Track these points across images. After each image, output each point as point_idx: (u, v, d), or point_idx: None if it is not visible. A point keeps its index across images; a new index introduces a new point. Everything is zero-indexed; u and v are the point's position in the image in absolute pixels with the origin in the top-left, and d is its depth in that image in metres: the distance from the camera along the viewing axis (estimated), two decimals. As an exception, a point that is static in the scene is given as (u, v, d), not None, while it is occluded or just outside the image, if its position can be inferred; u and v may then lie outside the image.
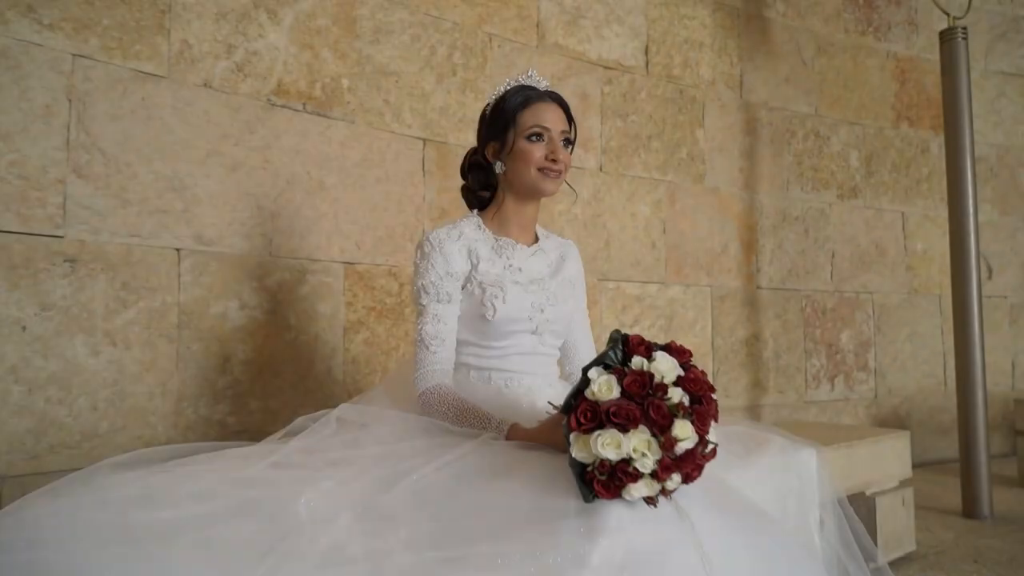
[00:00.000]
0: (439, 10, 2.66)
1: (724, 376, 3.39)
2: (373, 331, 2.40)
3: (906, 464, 2.27)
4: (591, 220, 3.05)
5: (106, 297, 1.88)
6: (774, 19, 3.72)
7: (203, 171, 2.07)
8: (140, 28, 1.98)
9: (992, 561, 2.18)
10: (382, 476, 1.02)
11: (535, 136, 1.34)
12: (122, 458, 1.08)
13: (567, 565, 0.86)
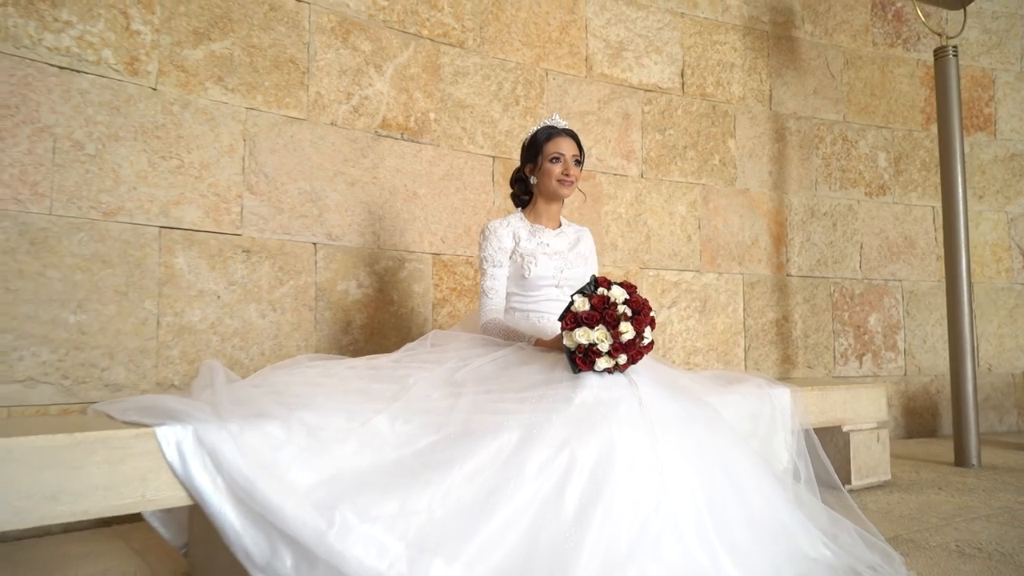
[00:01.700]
0: (504, 53, 3.40)
1: (755, 351, 3.95)
2: (455, 306, 3.15)
3: (881, 410, 2.80)
4: (634, 219, 3.70)
5: (269, 277, 2.71)
6: (802, 38, 4.25)
7: (331, 186, 2.87)
8: (288, 86, 2.80)
9: (953, 489, 2.69)
10: (455, 366, 1.75)
11: (555, 159, 2.05)
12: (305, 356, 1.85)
13: (561, 401, 1.55)
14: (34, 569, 1.81)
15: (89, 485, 1.23)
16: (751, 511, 1.60)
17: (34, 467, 1.18)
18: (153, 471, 1.30)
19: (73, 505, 1.22)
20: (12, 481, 1.15)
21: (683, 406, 1.71)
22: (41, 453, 1.18)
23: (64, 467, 1.21)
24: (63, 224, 2.29)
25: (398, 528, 1.34)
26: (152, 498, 1.31)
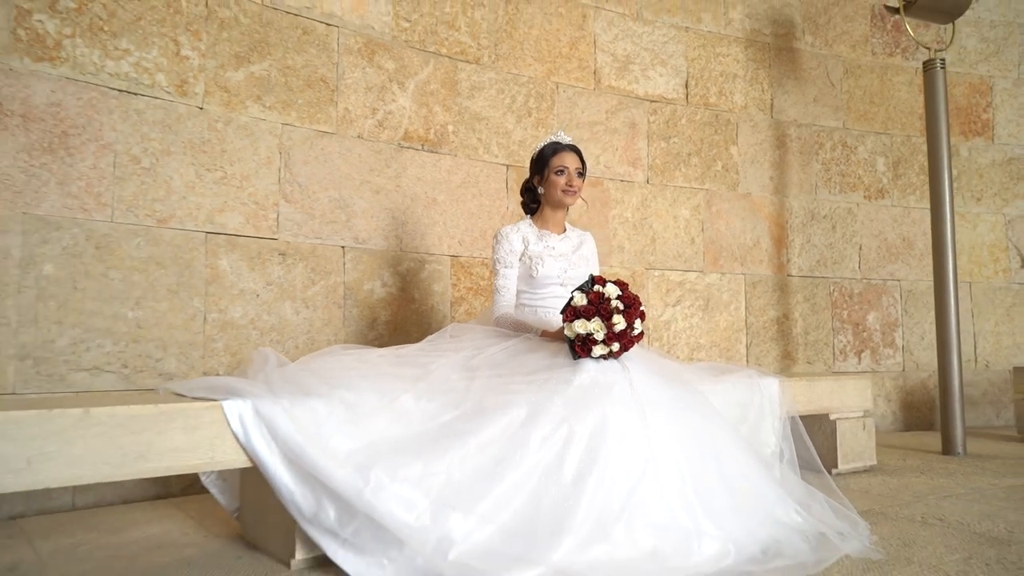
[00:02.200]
0: (517, 68, 3.66)
1: (756, 348, 4.17)
2: (471, 304, 3.41)
3: (867, 400, 3.02)
4: (640, 222, 3.94)
5: (302, 278, 2.98)
6: (803, 49, 4.47)
7: (358, 194, 3.15)
8: (319, 103, 3.08)
9: (934, 473, 2.90)
10: (471, 354, 2.01)
11: (560, 172, 2.30)
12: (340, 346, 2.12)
13: (562, 383, 1.80)
14: (108, 530, 2.09)
15: (171, 447, 1.51)
16: (730, 481, 1.85)
17: (129, 430, 1.45)
18: (220, 437, 1.58)
19: (158, 462, 1.49)
20: (113, 441, 1.43)
21: (671, 389, 1.95)
22: (135, 420, 1.46)
23: (151, 432, 1.48)
24: (123, 230, 2.58)
25: (423, 487, 1.60)
26: (219, 460, 1.58)
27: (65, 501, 2.41)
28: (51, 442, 1.37)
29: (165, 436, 1.50)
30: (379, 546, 1.57)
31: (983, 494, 2.50)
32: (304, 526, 1.61)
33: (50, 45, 2.47)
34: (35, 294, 2.40)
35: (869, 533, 1.92)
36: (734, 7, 4.31)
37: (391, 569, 1.55)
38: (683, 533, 1.67)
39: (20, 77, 2.41)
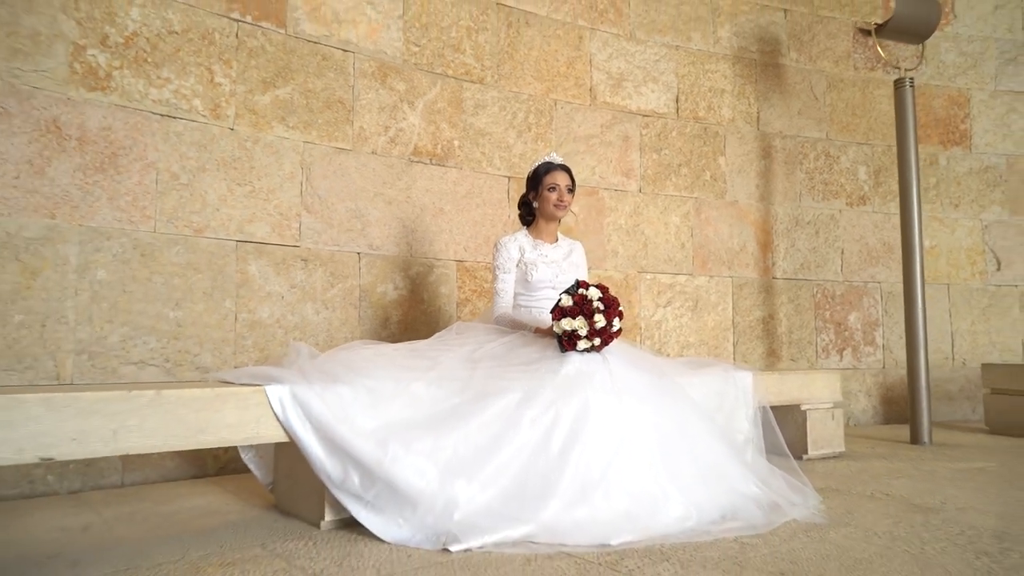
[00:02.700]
0: (518, 87, 3.97)
1: (743, 346, 4.48)
2: (475, 305, 3.73)
3: (835, 392, 3.32)
4: (632, 228, 4.25)
5: (322, 281, 3.31)
6: (788, 65, 4.78)
7: (372, 205, 3.48)
8: (337, 122, 3.41)
9: (896, 459, 3.20)
10: (473, 348, 2.32)
11: (552, 188, 2.62)
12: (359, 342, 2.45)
13: (551, 373, 2.12)
14: (158, 501, 2.42)
15: (225, 423, 1.83)
16: (697, 457, 2.16)
17: (192, 409, 1.78)
18: (263, 416, 1.90)
19: (215, 435, 1.81)
20: (179, 417, 1.75)
21: (646, 379, 2.27)
22: (197, 400, 1.79)
23: (209, 411, 1.81)
24: (164, 239, 2.91)
25: (432, 458, 1.92)
26: (263, 434, 1.90)
27: (115, 479, 2.74)
28: (131, 417, 1.69)
29: (220, 414, 1.83)
30: (396, 507, 1.89)
31: (933, 475, 2.80)
32: (333, 491, 1.94)
33: (101, 76, 2.81)
34: (90, 296, 2.73)
35: (818, 504, 2.23)
36: (722, 26, 4.62)
37: (406, 527, 1.87)
38: (652, 498, 1.98)
39: (76, 105, 2.74)
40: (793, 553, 1.77)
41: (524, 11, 4.03)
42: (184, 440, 1.76)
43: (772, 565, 1.67)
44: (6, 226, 2.58)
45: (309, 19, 3.36)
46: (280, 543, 1.88)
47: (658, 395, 2.27)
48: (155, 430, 1.72)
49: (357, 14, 3.50)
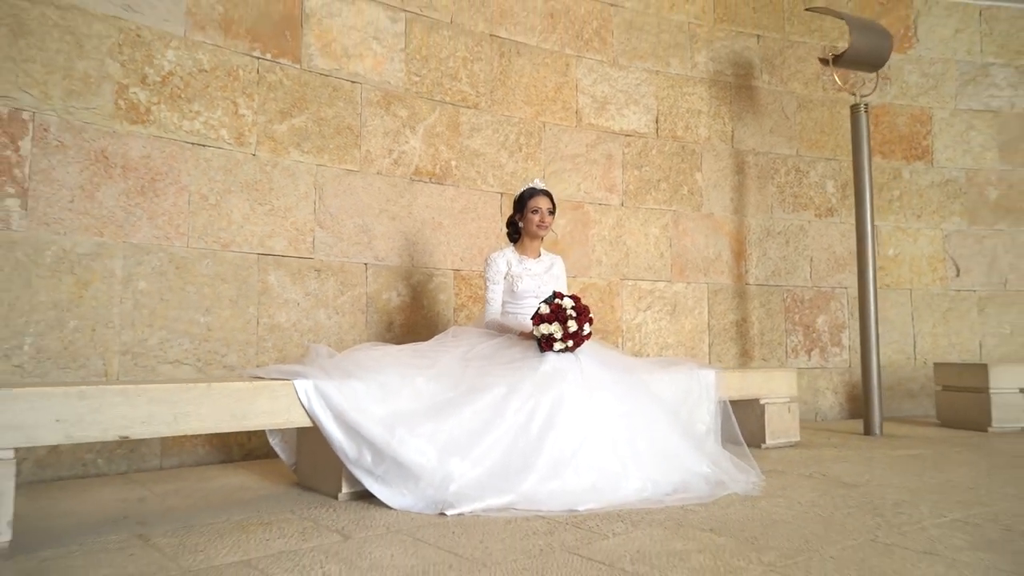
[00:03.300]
0: (510, 111, 4.39)
1: (718, 347, 4.89)
2: (471, 310, 4.14)
3: (792, 388, 3.73)
4: (615, 239, 4.67)
5: (333, 289, 3.72)
6: (760, 87, 5.19)
7: (378, 221, 3.89)
8: (346, 147, 3.82)
9: (845, 447, 3.62)
10: (467, 349, 2.74)
11: (534, 211, 3.04)
12: (369, 344, 2.86)
13: (531, 370, 2.53)
14: (196, 480, 2.83)
15: (261, 411, 2.24)
16: (654, 441, 2.57)
17: (236, 399, 2.19)
18: (292, 405, 2.31)
19: (254, 420, 2.23)
20: (226, 406, 2.17)
21: (614, 375, 2.68)
22: (238, 392, 2.20)
23: (248, 400, 2.22)
24: (195, 253, 3.33)
25: (432, 441, 2.33)
26: (292, 420, 2.32)
27: (155, 463, 3.16)
28: (188, 405, 2.10)
29: (257, 403, 2.24)
30: (401, 480, 2.30)
31: (870, 460, 3.21)
32: (349, 467, 2.35)
33: (142, 111, 3.23)
34: (132, 304, 3.14)
35: (759, 481, 2.64)
36: (699, 52, 5.04)
37: (409, 496, 2.29)
38: (614, 474, 2.40)
39: (120, 137, 3.16)
40: (725, 516, 2.18)
41: (515, 41, 4.44)
42: (230, 423, 2.18)
43: (705, 524, 2.08)
44: (62, 243, 2.99)
45: (321, 54, 3.77)
46: (306, 510, 2.29)
47: (623, 389, 2.68)
48: (207, 415, 2.13)
49: (364, 49, 3.91)
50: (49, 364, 2.92)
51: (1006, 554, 1.78)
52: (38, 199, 2.94)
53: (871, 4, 5.54)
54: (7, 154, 2.88)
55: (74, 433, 1.92)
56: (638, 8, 4.88)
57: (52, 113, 2.98)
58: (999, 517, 2.14)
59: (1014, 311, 5.51)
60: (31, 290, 2.90)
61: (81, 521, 2.18)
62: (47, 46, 2.98)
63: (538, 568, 1.68)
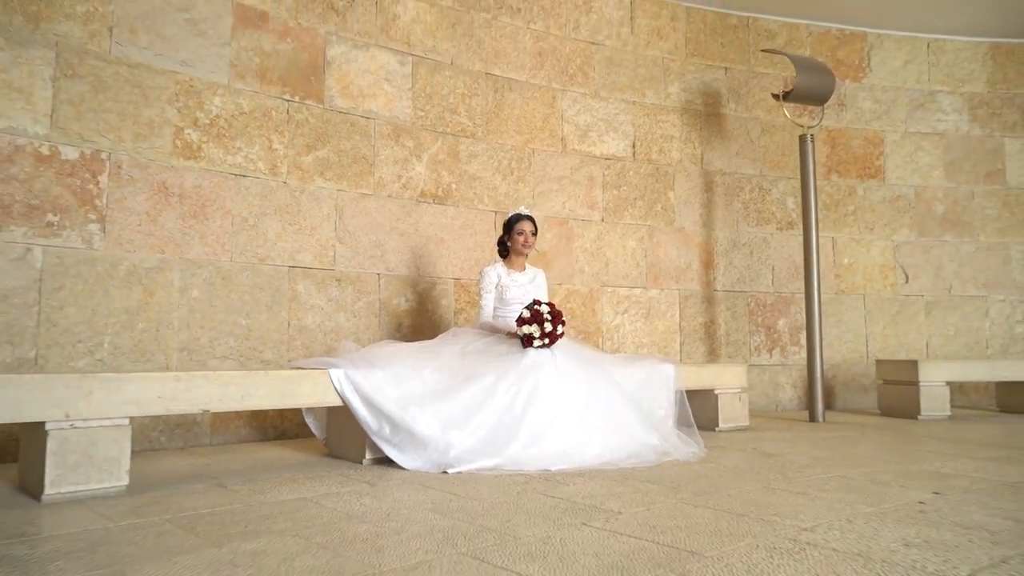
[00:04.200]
0: (502, 140, 5.08)
1: (688, 346, 5.57)
2: (468, 314, 4.82)
3: (742, 380, 4.41)
4: (596, 251, 5.35)
5: (351, 296, 4.41)
6: (727, 114, 5.88)
7: (389, 237, 4.58)
8: (362, 174, 4.51)
9: (787, 430, 4.29)
10: (464, 346, 3.43)
11: (519, 233, 3.73)
12: (385, 341, 3.55)
13: (515, 362, 3.22)
14: (243, 453, 3.51)
15: (304, 392, 2.93)
16: (612, 418, 3.25)
17: (286, 383, 2.87)
18: (327, 389, 2.99)
19: (299, 400, 2.91)
20: (278, 388, 2.85)
21: (582, 367, 3.36)
22: (288, 378, 2.88)
23: (294, 384, 2.90)
24: (237, 267, 4.01)
25: (437, 417, 3.01)
26: (328, 400, 3.00)
27: (206, 440, 3.84)
28: (252, 387, 2.79)
29: (301, 386, 2.93)
30: (412, 448, 2.98)
31: (800, 439, 3.89)
32: (372, 437, 3.03)
33: (194, 149, 3.91)
34: (188, 309, 3.83)
35: (699, 451, 3.32)
36: (672, 84, 5.72)
37: (419, 459, 2.97)
38: (580, 443, 3.08)
39: (177, 171, 3.85)
40: (661, 473, 2.86)
41: (508, 78, 5.13)
42: (281, 401, 2.87)
43: (644, 477, 2.77)
44: (132, 260, 3.68)
45: (341, 95, 4.46)
46: (339, 470, 2.98)
47: (589, 378, 3.37)
48: (265, 395, 2.82)
49: (377, 89, 4.60)
50: (123, 359, 3.61)
51: (860, 493, 2.46)
52: (113, 223, 3.63)
53: (828, 38, 6.22)
54: (89, 187, 3.57)
55: (171, 407, 2.61)
56: (617, 46, 5.57)
57: (124, 153, 3.67)
58: (871, 475, 2.82)
59: (957, 314, 6.18)
60: (108, 298, 3.59)
61: (169, 475, 2.86)
62: (120, 98, 3.67)
63: (514, 502, 2.36)
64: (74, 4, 3.55)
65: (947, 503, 2.29)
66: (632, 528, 1.98)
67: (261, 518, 2.14)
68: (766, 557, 1.70)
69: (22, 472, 2.59)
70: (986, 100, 6.40)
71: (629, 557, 1.71)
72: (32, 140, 3.40)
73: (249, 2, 4.14)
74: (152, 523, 2.09)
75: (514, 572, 1.59)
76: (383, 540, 1.88)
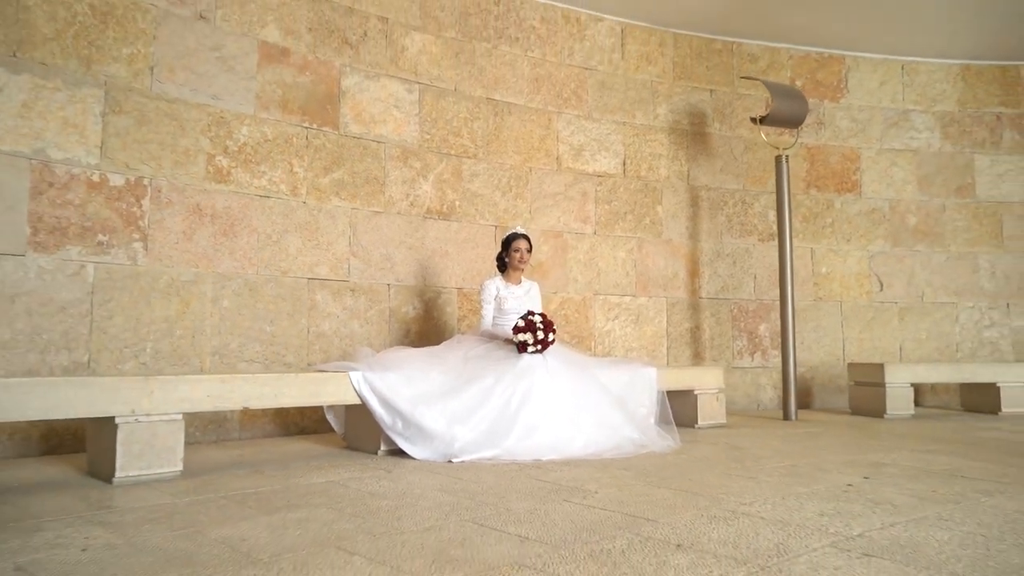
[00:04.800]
0: (502, 159, 5.55)
1: (674, 350, 6.04)
2: (471, 321, 5.29)
3: (719, 382, 4.87)
4: (589, 262, 5.82)
5: (364, 305, 4.88)
6: (712, 133, 6.34)
7: (398, 250, 5.05)
8: (374, 193, 4.98)
9: (760, 428, 4.76)
10: (467, 350, 3.90)
11: (515, 250, 4.21)
12: (395, 347, 4.02)
13: (512, 366, 3.70)
14: (270, 446, 3.98)
15: (328, 392, 3.40)
16: (596, 415, 3.72)
17: (312, 383, 3.35)
18: (348, 389, 3.46)
19: (324, 398, 3.39)
20: (305, 388, 3.32)
21: (571, 370, 3.84)
22: (315, 380, 3.36)
23: (320, 385, 3.38)
24: (263, 279, 4.48)
25: (443, 413, 3.48)
26: (348, 399, 3.47)
27: (236, 435, 4.31)
28: (285, 387, 3.26)
29: (326, 387, 3.40)
30: (422, 440, 3.45)
31: (769, 435, 4.36)
32: (386, 431, 3.50)
33: (224, 173, 4.39)
34: (219, 317, 4.30)
35: (674, 445, 3.79)
36: (660, 105, 6.19)
37: (427, 450, 3.43)
38: (568, 437, 3.55)
39: (210, 194, 4.32)
40: (638, 462, 3.33)
41: (507, 103, 5.60)
42: (309, 399, 3.35)
43: (622, 466, 3.23)
44: (171, 274, 4.15)
45: (354, 122, 4.94)
46: (358, 459, 3.45)
47: (577, 380, 3.84)
48: (296, 394, 3.30)
49: (387, 115, 5.08)
50: (163, 362, 4.08)
51: (801, 478, 2.92)
52: (154, 242, 4.11)
53: (808, 61, 6.68)
54: (133, 210, 4.05)
55: (218, 404, 3.08)
56: (609, 71, 6.04)
57: (163, 178, 4.15)
58: (818, 464, 3.29)
59: (928, 320, 6.64)
60: (150, 308, 4.07)
61: (212, 464, 3.34)
62: (160, 130, 4.15)
63: (509, 484, 2.82)
64: (120, 47, 4.03)
65: (870, 485, 2.75)
66: (604, 503, 2.45)
67: (299, 495, 2.61)
68: (705, 522, 2.17)
69: (91, 459, 3.07)
70: (957, 119, 6.85)
71: (598, 523, 2.18)
72: (85, 169, 3.87)
73: (272, 39, 4.61)
74: (210, 499, 2.56)
75: (506, 532, 2.06)
76: (401, 511, 2.35)
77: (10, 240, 3.63)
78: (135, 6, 4.08)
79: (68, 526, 2.16)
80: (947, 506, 2.40)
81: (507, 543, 1.95)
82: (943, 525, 2.14)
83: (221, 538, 2.02)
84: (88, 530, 2.11)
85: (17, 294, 3.63)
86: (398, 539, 1.99)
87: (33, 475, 3.05)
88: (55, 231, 3.76)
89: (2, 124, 3.62)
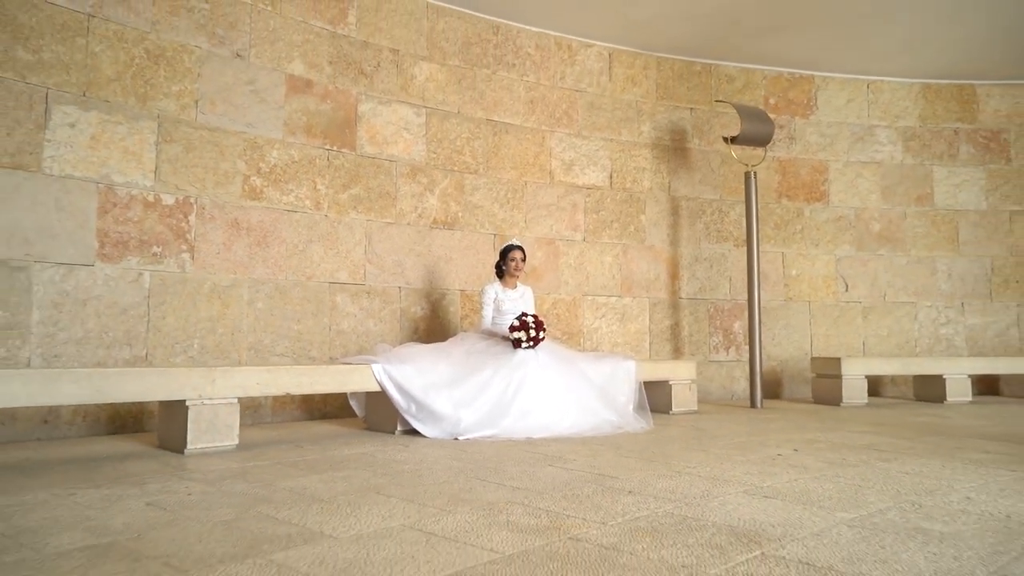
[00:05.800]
0: (500, 174, 6.23)
1: (656, 346, 6.73)
2: (472, 318, 5.98)
3: (692, 373, 5.57)
4: (578, 266, 6.51)
5: (378, 306, 5.57)
6: (692, 148, 7.03)
7: (408, 257, 5.73)
8: (386, 206, 5.66)
9: (727, 414, 5.45)
10: (469, 346, 4.60)
11: (511, 260, 4.90)
12: (408, 343, 4.72)
13: (508, 359, 4.40)
14: (299, 428, 4.67)
15: (354, 381, 4.09)
16: (580, 401, 4.41)
17: (340, 375, 4.04)
18: (370, 378, 4.16)
19: (350, 386, 4.09)
20: (335, 377, 4.01)
21: (560, 363, 4.53)
22: (343, 371, 4.05)
23: (347, 375, 4.07)
24: (290, 283, 5.17)
25: (450, 399, 4.18)
26: (369, 386, 4.16)
27: (268, 420, 5.00)
28: (319, 377, 3.95)
29: (351, 377, 4.10)
30: (432, 421, 4.14)
31: (731, 420, 5.05)
32: (402, 414, 4.19)
33: (257, 191, 5.07)
34: (254, 317, 4.99)
35: (647, 426, 4.48)
36: (644, 123, 6.87)
37: (437, 430, 4.13)
38: (556, 418, 4.24)
39: (246, 210, 5.00)
40: (613, 439, 4.02)
41: (505, 123, 6.28)
42: (339, 387, 4.04)
43: (598, 442, 3.93)
44: (213, 280, 4.84)
45: (369, 143, 5.62)
46: (378, 438, 4.14)
47: (564, 372, 4.53)
48: (328, 383, 3.99)
49: (398, 137, 5.75)
50: (207, 356, 4.77)
51: (743, 450, 3.61)
52: (199, 252, 4.79)
53: (781, 81, 7.36)
54: (182, 225, 4.73)
55: (265, 390, 3.77)
56: (597, 92, 6.72)
57: (207, 197, 4.83)
58: (762, 440, 3.98)
59: (890, 318, 7.33)
60: (196, 309, 4.75)
61: (258, 441, 4.03)
62: (204, 155, 4.83)
63: (505, 455, 3.51)
64: (170, 85, 4.71)
65: (796, 455, 3.45)
66: (580, 467, 3.15)
67: (337, 462, 3.30)
68: (655, 478, 2.87)
69: (161, 435, 3.76)
70: (918, 133, 7.53)
71: (573, 479, 2.87)
72: (142, 191, 4.56)
73: (298, 73, 5.29)
74: (267, 465, 3.25)
75: (502, 485, 2.76)
76: (421, 472, 3.04)
77: (82, 252, 4.31)
78: (183, 48, 4.76)
79: (167, 480, 2.85)
80: (847, 468, 3.09)
81: (503, 491, 2.64)
82: (834, 480, 2.83)
83: (287, 488, 2.71)
84: (184, 484, 2.80)
85: (88, 299, 4.32)
86: (421, 488, 2.69)
87: (113, 449, 3.74)
88: (118, 244, 4.44)
89: (76, 154, 4.30)
